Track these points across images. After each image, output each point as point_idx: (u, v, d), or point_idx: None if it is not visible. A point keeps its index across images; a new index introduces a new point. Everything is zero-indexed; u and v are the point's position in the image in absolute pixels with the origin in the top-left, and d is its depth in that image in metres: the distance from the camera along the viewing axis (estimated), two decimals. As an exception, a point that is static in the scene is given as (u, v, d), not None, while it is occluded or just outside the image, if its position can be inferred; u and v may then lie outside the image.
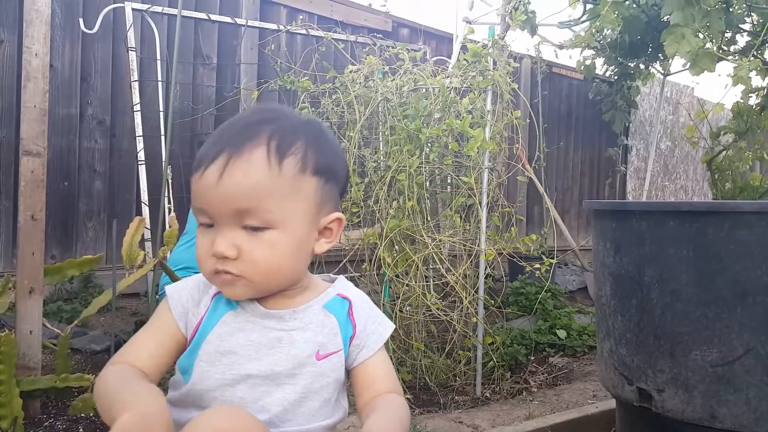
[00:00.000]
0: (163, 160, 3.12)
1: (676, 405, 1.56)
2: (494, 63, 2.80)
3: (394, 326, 0.90)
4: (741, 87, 4.74)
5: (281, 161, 0.75)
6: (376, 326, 0.86)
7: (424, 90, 2.94)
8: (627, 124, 6.11)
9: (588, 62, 5.47)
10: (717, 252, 1.51)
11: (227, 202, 0.74)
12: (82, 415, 1.98)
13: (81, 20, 3.14)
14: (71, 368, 1.98)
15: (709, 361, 1.51)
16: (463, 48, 3.60)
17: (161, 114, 3.27)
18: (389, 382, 0.85)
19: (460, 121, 2.65)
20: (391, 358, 2.73)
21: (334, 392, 0.82)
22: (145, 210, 3.12)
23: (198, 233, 0.79)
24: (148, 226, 3.02)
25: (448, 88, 2.78)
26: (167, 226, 2.39)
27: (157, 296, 2.47)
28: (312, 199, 0.78)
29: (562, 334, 3.44)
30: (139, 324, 2.79)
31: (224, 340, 0.77)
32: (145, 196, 3.14)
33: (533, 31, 4.55)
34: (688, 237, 1.54)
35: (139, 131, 3.17)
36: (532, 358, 3.16)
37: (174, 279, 2.11)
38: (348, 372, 0.85)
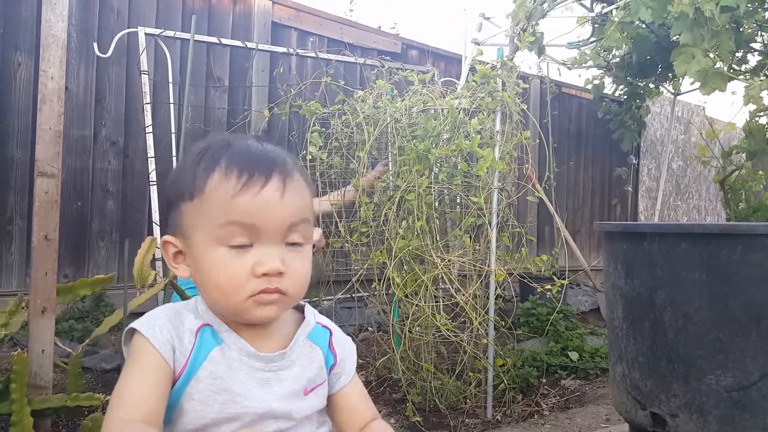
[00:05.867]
0: (175, 180, 3.15)
1: (690, 430, 1.54)
2: (503, 84, 2.82)
3: (354, 345, 0.93)
4: (752, 106, 4.72)
5: (309, 185, 0.83)
6: (348, 352, 0.90)
7: (432, 111, 2.95)
8: (636, 144, 6.10)
9: (597, 82, 5.48)
10: (730, 274, 1.49)
11: (289, 216, 0.77)
12: (92, 435, 1.97)
13: (95, 44, 3.21)
14: (82, 387, 1.99)
15: (724, 385, 1.48)
16: (472, 69, 3.62)
17: (173, 135, 3.32)
18: (369, 407, 0.89)
19: (469, 141, 2.66)
20: (401, 380, 2.72)
21: (319, 415, 0.86)
22: (157, 230, 3.15)
23: (228, 257, 0.75)
24: (159, 246, 3.04)
25: (457, 108, 2.79)
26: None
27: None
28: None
29: (574, 356, 3.39)
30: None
31: (217, 379, 0.77)
32: (156, 216, 3.17)
33: (541, 52, 4.58)
34: (701, 259, 1.52)
35: (151, 152, 3.21)
36: (544, 380, 3.12)
37: (184, 298, 2.12)
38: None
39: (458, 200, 3.01)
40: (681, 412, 1.55)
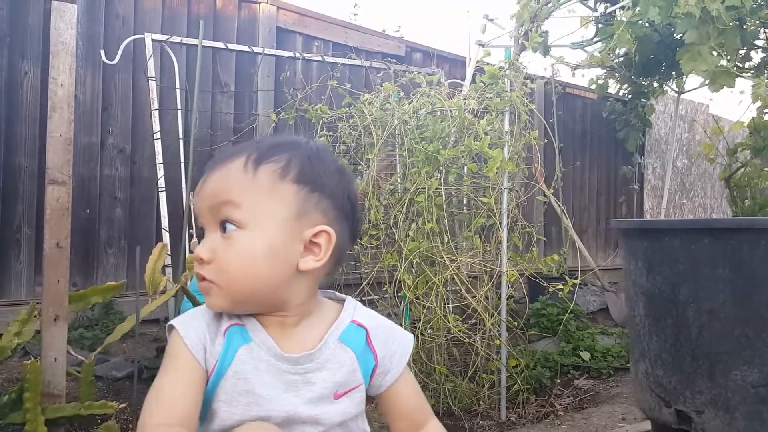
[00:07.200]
0: (184, 186, 3.14)
1: (717, 427, 1.52)
2: (511, 84, 2.81)
3: (412, 337, 0.88)
4: (759, 102, 4.71)
5: (257, 167, 0.76)
6: (396, 346, 0.84)
7: (440, 112, 2.95)
8: (641, 143, 6.09)
9: (600, 81, 5.48)
10: (753, 269, 1.48)
11: (206, 201, 0.78)
12: (106, 443, 1.95)
13: (102, 51, 3.20)
14: (95, 395, 1.97)
15: (750, 381, 1.46)
16: (478, 70, 3.62)
17: (181, 141, 3.31)
18: (422, 405, 0.87)
19: (478, 142, 2.65)
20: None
21: (355, 419, 0.81)
22: (166, 236, 3.13)
23: None
24: (169, 252, 3.03)
25: (464, 110, 2.78)
26: (189, 251, 2.39)
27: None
28: (289, 204, 0.76)
29: (586, 355, 3.37)
30: (161, 350, 2.77)
31: (241, 379, 0.75)
32: (165, 223, 3.16)
33: (546, 52, 4.57)
34: (723, 255, 1.51)
35: (159, 159, 3.20)
36: (558, 380, 3.09)
37: (196, 305, 2.10)
38: (373, 397, 0.84)
39: (465, 201, 3.00)
40: (707, 408, 1.53)
